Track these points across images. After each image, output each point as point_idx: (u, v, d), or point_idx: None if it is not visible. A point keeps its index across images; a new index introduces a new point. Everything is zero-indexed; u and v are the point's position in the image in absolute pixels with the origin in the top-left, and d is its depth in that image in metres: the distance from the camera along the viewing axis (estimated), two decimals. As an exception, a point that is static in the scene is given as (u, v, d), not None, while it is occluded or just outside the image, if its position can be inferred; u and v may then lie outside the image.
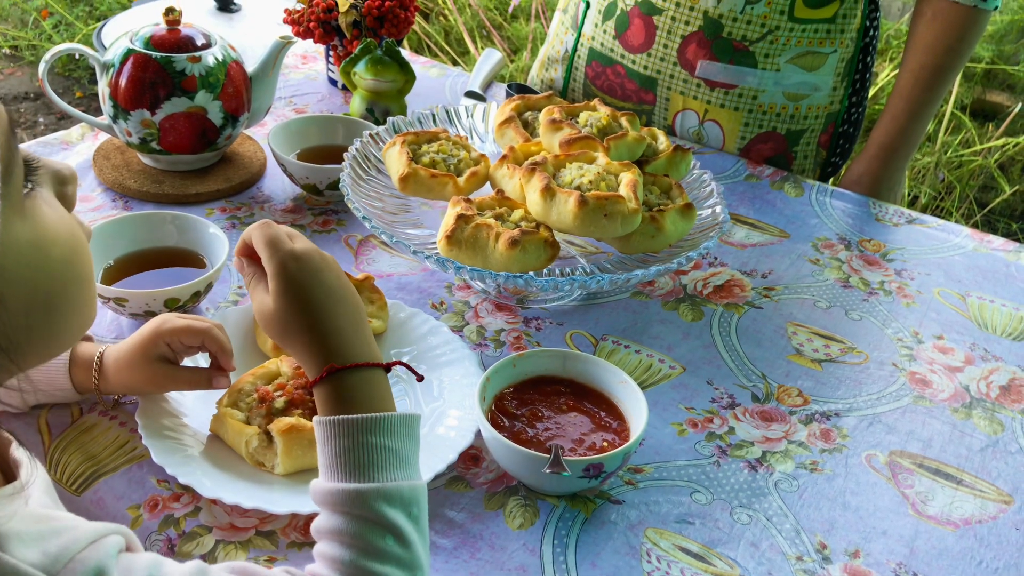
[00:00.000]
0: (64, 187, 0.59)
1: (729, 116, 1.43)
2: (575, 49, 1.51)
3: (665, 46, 1.41)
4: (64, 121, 3.45)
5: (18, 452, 0.59)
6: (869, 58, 1.46)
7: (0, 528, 0.50)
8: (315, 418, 0.70)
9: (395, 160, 1.09)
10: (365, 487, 0.65)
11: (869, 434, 0.97)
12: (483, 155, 1.13)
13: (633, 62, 1.44)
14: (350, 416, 0.68)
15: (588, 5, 1.49)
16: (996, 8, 1.34)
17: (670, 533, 0.84)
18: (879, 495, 0.90)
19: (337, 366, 0.70)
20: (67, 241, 0.56)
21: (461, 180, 1.08)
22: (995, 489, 0.92)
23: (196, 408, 0.89)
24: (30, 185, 0.55)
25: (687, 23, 1.38)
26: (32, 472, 0.57)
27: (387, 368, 0.73)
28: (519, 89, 1.52)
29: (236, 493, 0.80)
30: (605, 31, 1.46)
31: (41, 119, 3.47)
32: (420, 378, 0.81)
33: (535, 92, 1.47)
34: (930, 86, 1.39)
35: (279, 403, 0.86)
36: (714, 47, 1.38)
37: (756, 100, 1.42)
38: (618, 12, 1.43)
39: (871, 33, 1.45)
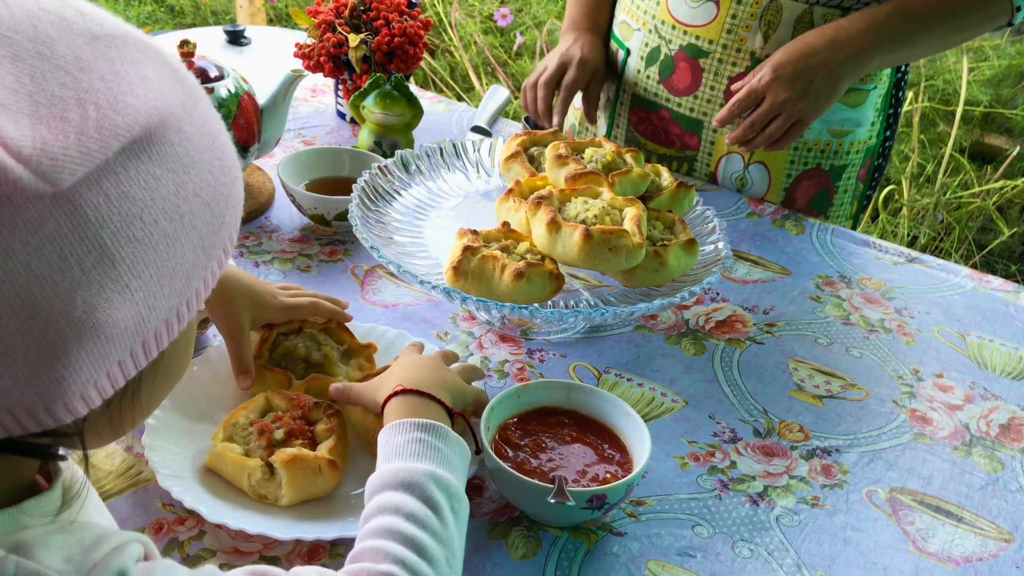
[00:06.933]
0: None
1: (775, 156, 1.43)
2: (617, 96, 1.51)
3: (712, 87, 1.40)
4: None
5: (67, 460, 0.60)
6: (901, 92, 1.46)
7: (25, 535, 0.51)
8: (382, 429, 0.80)
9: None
10: (419, 466, 0.74)
11: (870, 470, 0.97)
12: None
13: (679, 105, 1.44)
14: (415, 419, 0.79)
15: (628, 52, 1.48)
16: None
17: (672, 566, 0.84)
18: (880, 531, 0.90)
19: (406, 387, 0.83)
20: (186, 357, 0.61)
21: None
22: (995, 527, 0.92)
23: (202, 432, 0.89)
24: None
25: (734, 64, 1.37)
26: (84, 486, 0.58)
27: (449, 411, 0.83)
28: (534, 126, 1.53)
29: (241, 518, 0.80)
30: (648, 76, 1.45)
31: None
32: (477, 452, 0.87)
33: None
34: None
35: (279, 434, 0.86)
36: None
37: (803, 138, 1.41)
38: (662, 57, 1.42)
39: (903, 67, 1.45)
